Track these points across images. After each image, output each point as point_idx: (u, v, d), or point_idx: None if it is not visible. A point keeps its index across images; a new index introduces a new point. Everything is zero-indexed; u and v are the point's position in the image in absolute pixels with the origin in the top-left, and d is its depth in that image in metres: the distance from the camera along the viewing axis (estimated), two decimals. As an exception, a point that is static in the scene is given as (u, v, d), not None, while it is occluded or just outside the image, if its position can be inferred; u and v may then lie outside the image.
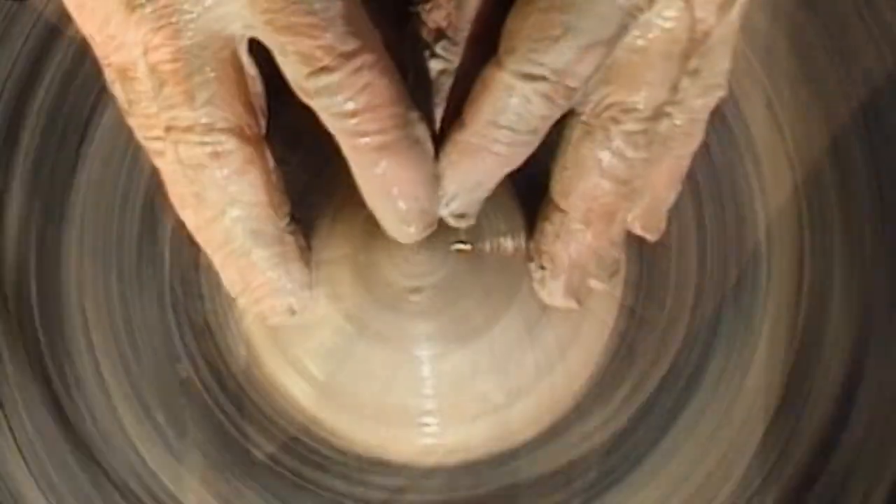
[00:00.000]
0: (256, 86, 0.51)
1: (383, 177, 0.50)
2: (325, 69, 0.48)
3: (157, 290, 0.61)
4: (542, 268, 0.55)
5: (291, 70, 0.48)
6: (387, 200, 0.51)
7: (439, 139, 0.52)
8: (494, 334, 0.57)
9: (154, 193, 0.59)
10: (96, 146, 0.61)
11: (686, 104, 0.53)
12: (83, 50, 0.57)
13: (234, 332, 0.60)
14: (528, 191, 0.56)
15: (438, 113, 0.53)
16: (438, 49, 0.53)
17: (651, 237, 0.57)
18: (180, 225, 0.53)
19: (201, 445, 0.60)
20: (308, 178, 0.57)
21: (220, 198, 0.51)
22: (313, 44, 0.48)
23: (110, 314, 0.61)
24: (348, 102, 0.48)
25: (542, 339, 0.58)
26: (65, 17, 0.57)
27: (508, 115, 0.50)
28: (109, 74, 0.51)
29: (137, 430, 0.60)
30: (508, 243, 0.57)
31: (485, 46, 0.51)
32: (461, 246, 0.55)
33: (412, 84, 0.52)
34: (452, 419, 0.58)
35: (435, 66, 0.53)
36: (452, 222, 0.53)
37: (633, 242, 0.58)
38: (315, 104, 0.49)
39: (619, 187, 0.53)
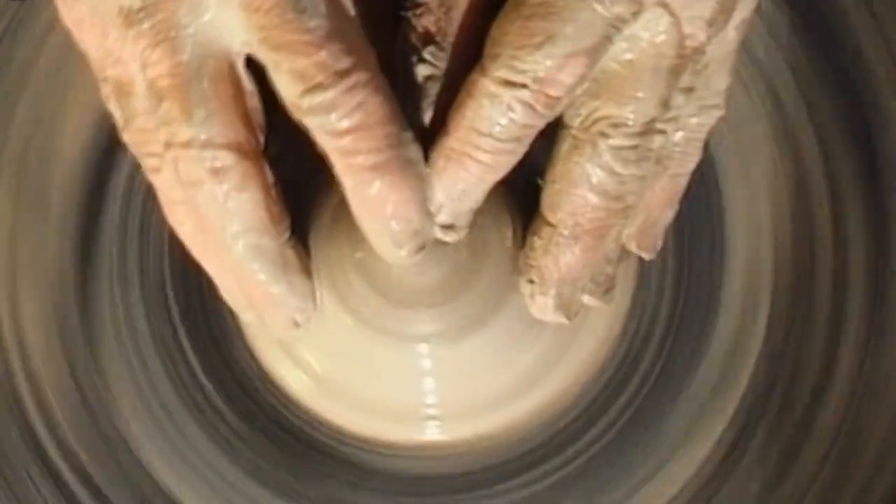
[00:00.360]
0: (254, 101, 0.51)
1: (376, 197, 0.50)
2: (318, 87, 0.48)
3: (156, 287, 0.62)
4: (531, 282, 0.55)
5: (285, 87, 0.49)
6: (379, 221, 0.50)
7: (427, 145, 0.52)
8: (495, 329, 0.57)
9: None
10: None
11: (681, 122, 0.54)
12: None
13: (233, 328, 0.61)
14: (528, 188, 0.56)
15: (426, 118, 0.53)
16: (426, 54, 0.52)
17: (647, 256, 0.58)
18: (180, 245, 0.53)
19: (201, 444, 0.60)
20: (308, 174, 0.56)
21: (219, 214, 0.50)
22: (308, 61, 0.48)
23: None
24: (342, 120, 0.48)
25: (544, 335, 0.59)
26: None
27: (490, 122, 0.50)
28: (105, 89, 0.51)
29: (136, 429, 0.61)
30: (509, 237, 0.57)
31: (472, 52, 0.51)
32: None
33: (401, 89, 0.52)
34: (454, 414, 0.59)
35: (422, 71, 0.53)
36: (441, 235, 0.52)
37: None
38: (308, 122, 0.49)
39: (609, 203, 0.52)
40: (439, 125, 0.52)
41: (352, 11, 0.50)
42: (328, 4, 0.48)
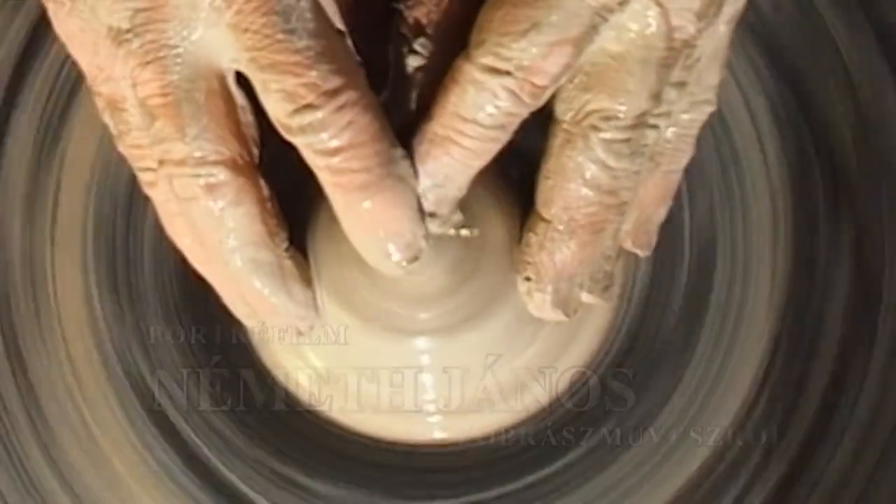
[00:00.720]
0: (247, 115, 0.51)
1: (367, 215, 0.50)
2: (308, 107, 0.48)
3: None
4: (528, 279, 0.55)
5: (274, 107, 0.49)
6: (371, 238, 0.51)
7: (414, 135, 0.52)
8: (494, 326, 0.57)
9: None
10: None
11: (674, 118, 0.53)
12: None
13: (235, 323, 0.61)
14: (527, 185, 0.56)
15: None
16: (417, 46, 0.52)
17: (642, 253, 0.58)
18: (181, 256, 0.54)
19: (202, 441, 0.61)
20: (306, 173, 0.56)
21: (215, 229, 0.51)
22: (297, 81, 0.48)
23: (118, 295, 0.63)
24: (332, 140, 0.48)
25: (543, 332, 0.59)
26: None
27: (474, 108, 0.50)
28: (100, 103, 0.51)
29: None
30: (508, 234, 0.56)
31: (458, 40, 0.51)
32: (465, 232, 0.54)
33: (393, 81, 0.52)
34: (453, 410, 0.59)
35: (413, 62, 0.53)
36: (428, 226, 0.52)
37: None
38: (298, 142, 0.49)
39: (602, 197, 0.52)
40: (423, 111, 0.52)
41: (341, 26, 0.50)
42: (317, 23, 0.48)
